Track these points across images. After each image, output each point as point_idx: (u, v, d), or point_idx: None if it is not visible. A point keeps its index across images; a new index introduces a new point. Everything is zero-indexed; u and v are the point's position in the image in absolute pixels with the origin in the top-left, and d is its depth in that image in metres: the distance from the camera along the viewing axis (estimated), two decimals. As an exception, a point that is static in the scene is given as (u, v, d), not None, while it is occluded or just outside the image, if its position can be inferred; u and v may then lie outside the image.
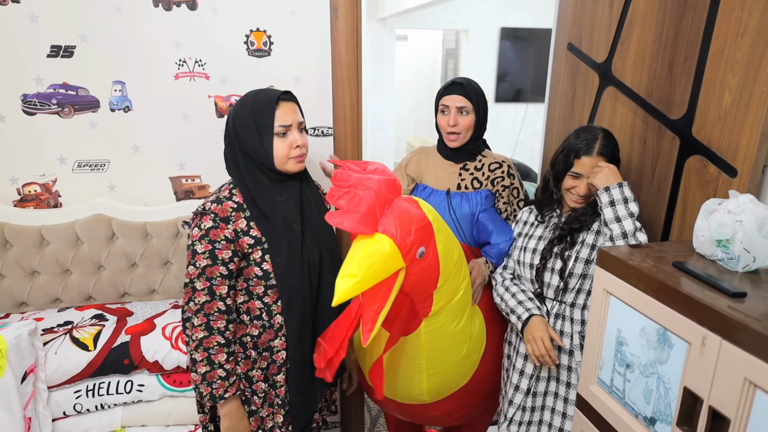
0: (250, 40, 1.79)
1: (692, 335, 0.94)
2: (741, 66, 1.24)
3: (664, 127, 1.47)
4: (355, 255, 1.03)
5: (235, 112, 1.27)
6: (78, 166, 1.79)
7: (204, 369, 1.23)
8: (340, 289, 0.97)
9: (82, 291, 1.77)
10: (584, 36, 1.80)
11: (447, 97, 1.62)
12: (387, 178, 1.15)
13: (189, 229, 1.31)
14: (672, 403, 1.01)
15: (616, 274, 1.14)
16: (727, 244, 1.08)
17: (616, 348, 1.16)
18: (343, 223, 1.03)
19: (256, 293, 1.29)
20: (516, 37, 6.53)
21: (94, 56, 1.70)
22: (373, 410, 2.58)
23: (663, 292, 1.01)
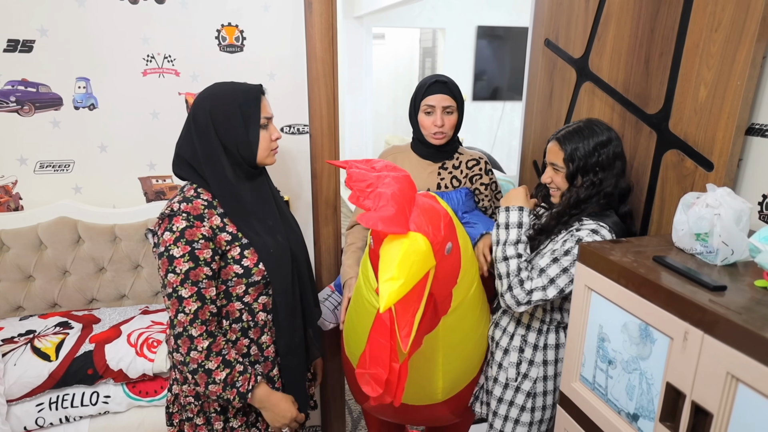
0: (222, 35, 1.74)
1: (674, 330, 0.94)
2: (716, 60, 1.25)
3: (641, 122, 1.48)
4: (394, 257, 0.97)
5: (215, 103, 1.21)
6: (40, 167, 1.71)
7: (224, 374, 1.17)
8: (386, 294, 0.92)
9: (46, 298, 1.69)
10: (561, 31, 1.80)
11: (432, 96, 1.58)
12: (403, 174, 1.11)
13: (153, 237, 1.22)
14: (655, 398, 1.01)
15: (596, 270, 1.13)
16: (706, 237, 1.09)
17: (598, 344, 1.16)
18: (378, 224, 0.97)
19: (236, 294, 1.24)
20: (492, 35, 6.57)
21: (55, 51, 1.63)
22: (354, 412, 2.54)
23: (644, 286, 1.01)
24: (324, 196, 1.90)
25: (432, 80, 1.60)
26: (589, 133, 1.31)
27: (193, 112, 1.23)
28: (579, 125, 1.34)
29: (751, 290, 0.94)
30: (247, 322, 1.27)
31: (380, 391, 1.05)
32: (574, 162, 1.29)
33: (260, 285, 1.26)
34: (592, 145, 1.29)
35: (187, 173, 1.24)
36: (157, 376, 1.49)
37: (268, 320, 1.30)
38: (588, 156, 1.29)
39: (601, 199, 1.31)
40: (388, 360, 1.03)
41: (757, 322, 0.80)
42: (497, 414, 1.40)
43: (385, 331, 1.02)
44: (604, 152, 1.30)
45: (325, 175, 1.87)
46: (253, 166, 1.27)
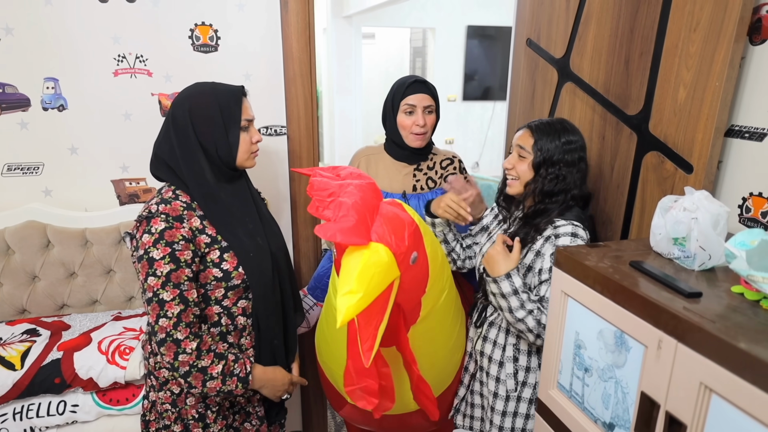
0: (195, 34, 1.69)
1: (648, 338, 0.91)
2: (694, 60, 1.23)
3: (621, 123, 1.45)
4: (353, 269, 0.94)
5: (194, 103, 1.18)
6: (8, 170, 1.66)
7: (219, 367, 1.15)
8: (344, 309, 0.89)
9: (14, 304, 1.64)
10: (542, 31, 1.78)
11: (413, 96, 1.55)
12: (367, 182, 1.08)
13: (131, 240, 1.19)
14: (630, 408, 0.98)
15: (573, 275, 1.11)
16: (684, 242, 1.06)
17: (574, 351, 1.13)
18: (337, 235, 0.94)
19: (215, 298, 1.21)
20: (483, 35, 6.56)
21: (21, 50, 1.58)
22: (337, 416, 2.51)
23: (619, 293, 0.98)
24: (303, 199, 1.87)
25: (411, 80, 1.57)
26: (561, 128, 1.31)
27: (172, 111, 1.20)
28: (552, 120, 1.34)
29: (728, 297, 0.91)
30: (226, 326, 1.25)
31: (375, 402, 1.02)
32: (542, 151, 1.28)
33: (240, 289, 1.23)
34: (562, 140, 1.29)
35: (164, 174, 1.21)
36: (129, 383, 1.45)
37: (248, 324, 1.28)
38: (557, 149, 1.28)
39: (569, 201, 1.29)
40: (375, 369, 1.00)
41: (731, 331, 0.78)
42: (503, 428, 1.36)
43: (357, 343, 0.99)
44: (571, 150, 1.29)
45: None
46: (233, 169, 1.24)
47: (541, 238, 1.28)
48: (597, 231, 1.42)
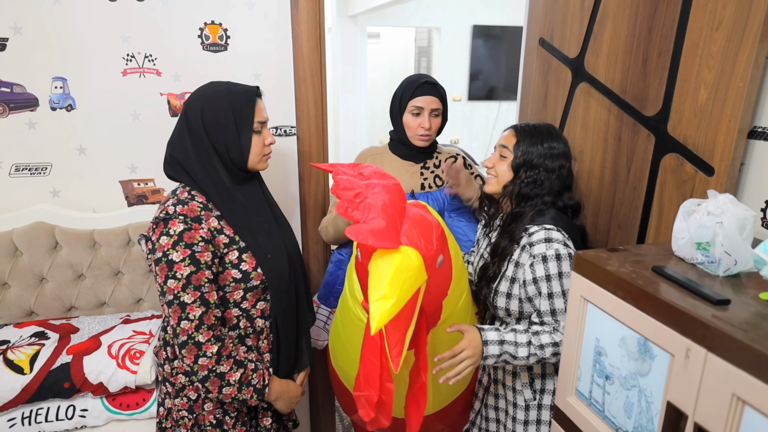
0: (205, 33, 1.67)
1: (675, 346, 0.88)
2: (716, 60, 1.19)
3: (638, 125, 1.42)
4: (384, 274, 0.91)
5: (207, 105, 1.16)
6: (16, 170, 1.64)
7: (238, 374, 1.14)
8: (377, 315, 0.86)
9: (22, 306, 1.62)
10: (556, 31, 1.74)
11: (422, 98, 1.53)
12: (393, 182, 1.05)
13: (147, 243, 1.16)
14: (654, 418, 0.95)
15: (593, 280, 1.08)
16: (708, 246, 1.03)
17: (594, 358, 1.10)
18: (369, 238, 0.91)
19: (233, 300, 1.19)
20: (488, 35, 6.52)
21: (29, 50, 1.56)
22: (345, 420, 2.49)
23: (643, 299, 0.95)
24: (313, 200, 1.84)
25: (421, 80, 1.54)
26: (545, 133, 1.30)
27: (185, 111, 1.18)
28: (539, 124, 1.33)
29: (756, 303, 0.88)
30: (245, 329, 1.23)
31: (372, 415, 0.99)
32: (523, 153, 1.27)
33: (258, 290, 1.21)
34: (545, 145, 1.28)
35: (179, 174, 1.19)
36: (139, 388, 1.43)
37: (266, 327, 1.26)
38: (538, 153, 1.27)
39: (539, 206, 1.27)
40: (378, 381, 0.97)
41: (764, 340, 0.75)
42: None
43: (375, 350, 0.97)
44: (552, 155, 1.28)
45: (313, 177, 1.81)
46: (245, 171, 1.22)
47: (518, 247, 1.26)
48: (588, 242, 1.38)
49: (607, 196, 1.56)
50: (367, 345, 0.99)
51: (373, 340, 0.99)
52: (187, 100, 1.19)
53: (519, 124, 1.33)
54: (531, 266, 1.22)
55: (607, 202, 1.57)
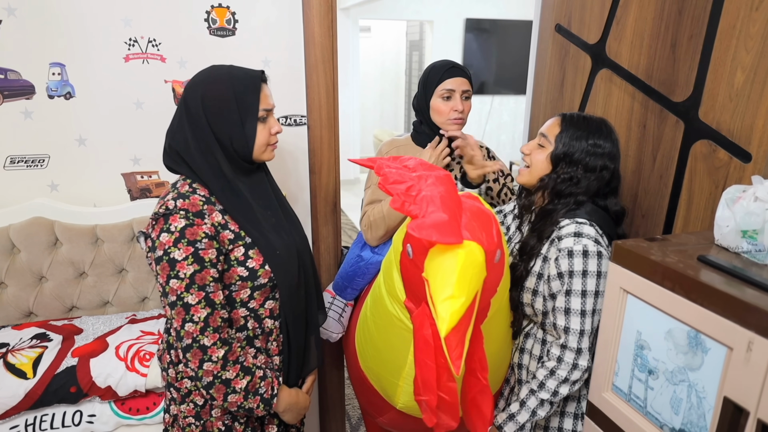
0: (212, 17, 1.58)
1: (734, 339, 0.83)
2: (756, 41, 1.14)
3: (666, 111, 1.37)
4: (450, 272, 0.85)
5: (208, 91, 1.07)
6: (11, 163, 1.54)
7: (244, 382, 1.06)
8: (447, 316, 0.81)
9: (20, 307, 1.52)
10: (574, 16, 1.69)
11: (452, 80, 1.46)
12: (444, 173, 0.98)
13: (146, 241, 1.08)
14: (707, 414, 0.90)
15: (635, 271, 1.03)
16: (755, 234, 0.99)
17: (635, 352, 1.05)
18: (433, 234, 0.84)
19: (240, 300, 1.11)
20: (479, 28, 6.47)
21: (24, 33, 1.45)
22: (352, 418, 2.42)
23: (696, 290, 0.90)
24: (323, 193, 1.77)
25: (449, 65, 1.48)
26: (595, 128, 1.20)
27: (185, 98, 1.09)
28: (592, 117, 1.23)
29: (818, 293, 0.83)
30: (253, 330, 1.15)
31: (434, 420, 0.93)
32: (564, 144, 1.18)
33: (267, 288, 1.13)
34: (591, 141, 1.18)
35: (179, 166, 1.10)
36: (149, 391, 1.35)
37: (275, 328, 1.18)
38: (580, 147, 1.18)
39: (572, 205, 1.19)
40: (434, 383, 0.90)
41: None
42: (548, 428, 1.28)
43: (429, 351, 0.90)
44: (596, 154, 1.18)
45: (324, 170, 1.74)
46: (249, 162, 1.13)
47: (547, 241, 1.19)
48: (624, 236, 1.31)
49: (630, 185, 1.51)
50: (420, 346, 0.93)
51: (426, 341, 0.92)
52: (186, 85, 1.10)
53: (568, 114, 1.23)
54: (556, 260, 1.15)
55: (630, 192, 1.52)
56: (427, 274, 0.89)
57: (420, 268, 0.93)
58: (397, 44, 8.01)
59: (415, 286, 1.01)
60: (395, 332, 1.10)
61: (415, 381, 0.97)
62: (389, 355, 1.13)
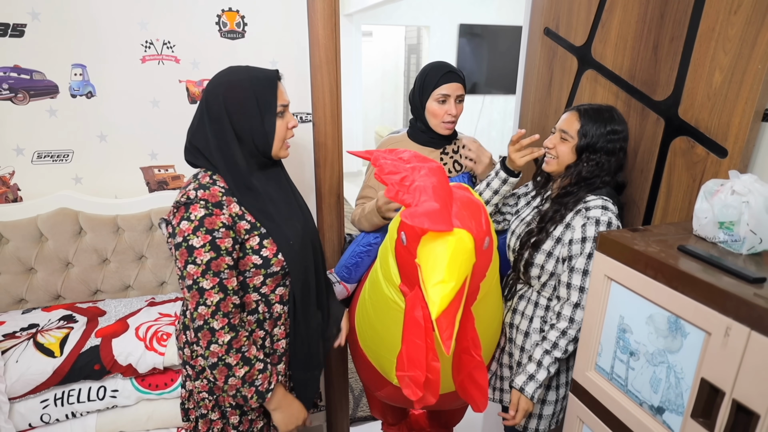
0: (222, 20, 1.53)
1: (712, 324, 0.80)
2: (734, 44, 1.10)
3: (647, 109, 1.33)
4: (441, 258, 0.82)
5: (229, 91, 1.03)
6: (38, 157, 1.50)
7: (242, 371, 1.03)
8: (437, 300, 0.78)
9: (49, 290, 1.50)
10: (562, 20, 1.63)
11: (447, 85, 1.41)
12: (436, 165, 0.95)
13: (167, 227, 1.05)
14: (684, 393, 0.88)
15: (619, 260, 0.99)
16: (731, 226, 0.95)
17: (618, 335, 1.02)
18: (425, 222, 0.82)
19: (253, 285, 1.09)
20: (471, 33, 6.38)
21: (48, 36, 1.40)
22: (355, 390, 2.41)
23: (676, 278, 0.87)
24: (327, 185, 1.73)
25: (445, 69, 1.43)
26: (608, 117, 1.21)
27: (206, 98, 1.05)
28: (601, 107, 1.23)
29: (791, 282, 0.80)
30: (263, 314, 1.12)
31: (420, 394, 0.90)
32: (587, 136, 1.20)
33: (278, 276, 1.10)
34: (608, 129, 1.20)
35: (199, 160, 1.07)
36: (167, 369, 1.33)
37: (284, 312, 1.15)
38: (601, 136, 1.19)
39: (600, 186, 1.21)
40: (424, 361, 0.87)
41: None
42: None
43: (419, 331, 0.87)
44: (614, 139, 1.20)
45: (328, 163, 1.70)
46: (268, 157, 1.10)
47: (571, 212, 1.20)
48: (623, 218, 1.31)
49: (612, 178, 1.47)
50: (411, 327, 0.90)
51: (416, 322, 0.89)
52: (206, 86, 1.06)
53: (581, 107, 1.24)
54: (583, 226, 1.16)
55: (612, 185, 1.48)
56: (420, 259, 0.86)
57: (413, 254, 0.90)
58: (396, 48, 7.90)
59: (409, 270, 0.98)
60: (391, 314, 1.07)
61: (399, 357, 0.95)
62: (386, 335, 1.11)
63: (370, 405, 1.83)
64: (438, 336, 0.78)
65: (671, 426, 0.91)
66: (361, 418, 2.27)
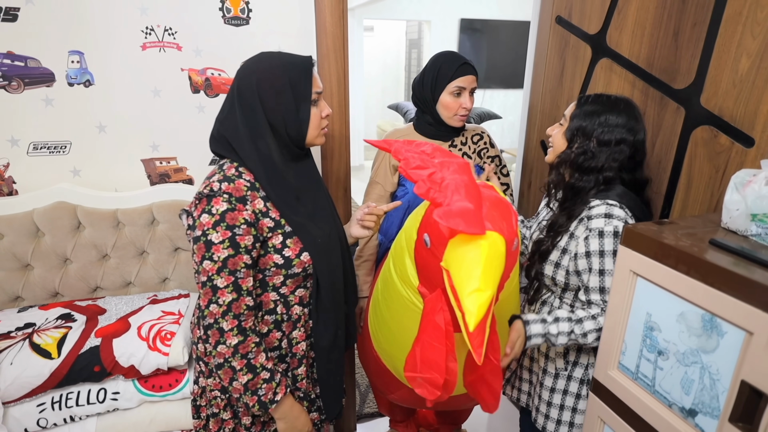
0: (226, 6, 1.44)
1: (754, 323, 0.74)
2: (763, 27, 1.03)
3: (666, 98, 1.26)
4: (474, 264, 0.76)
5: (264, 77, 0.97)
6: (34, 149, 1.42)
7: (246, 378, 0.96)
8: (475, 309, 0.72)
9: (46, 287, 1.42)
10: (575, 8, 1.56)
11: (463, 78, 1.35)
12: (464, 162, 0.89)
13: (188, 218, 0.99)
14: (721, 395, 0.81)
15: (646, 254, 0.93)
16: (765, 218, 0.88)
17: (644, 333, 0.96)
18: (460, 224, 0.75)
19: (272, 284, 1.02)
20: (472, 28, 6.30)
21: (43, 21, 1.32)
22: (361, 386, 2.35)
23: (713, 274, 0.80)
24: (335, 177, 1.66)
25: (460, 61, 1.36)
26: (610, 106, 1.10)
27: (238, 85, 0.98)
28: (609, 96, 1.13)
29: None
30: (281, 315, 1.05)
31: (437, 394, 0.84)
32: (575, 119, 1.11)
33: (299, 277, 1.04)
34: (602, 116, 1.09)
35: (226, 151, 1.00)
36: (171, 369, 1.26)
37: (304, 314, 1.08)
38: (593, 122, 1.09)
39: (600, 184, 1.10)
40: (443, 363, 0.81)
41: None
42: (552, 404, 1.21)
43: (439, 335, 0.81)
44: (609, 127, 1.08)
45: (336, 155, 1.63)
46: (300, 147, 1.03)
47: (576, 220, 1.11)
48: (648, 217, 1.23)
49: (628, 170, 1.41)
50: (429, 330, 0.84)
51: (436, 325, 0.83)
52: (238, 74, 0.99)
53: (585, 95, 1.16)
54: (586, 239, 1.07)
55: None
56: (448, 264, 0.79)
57: (438, 257, 0.83)
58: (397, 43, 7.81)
59: (431, 273, 0.91)
60: (408, 315, 1.00)
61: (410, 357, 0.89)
62: (403, 337, 1.04)
63: (378, 402, 1.77)
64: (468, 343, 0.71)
65: (704, 429, 0.85)
66: (368, 414, 2.21)
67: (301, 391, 1.13)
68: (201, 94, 1.51)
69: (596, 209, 1.07)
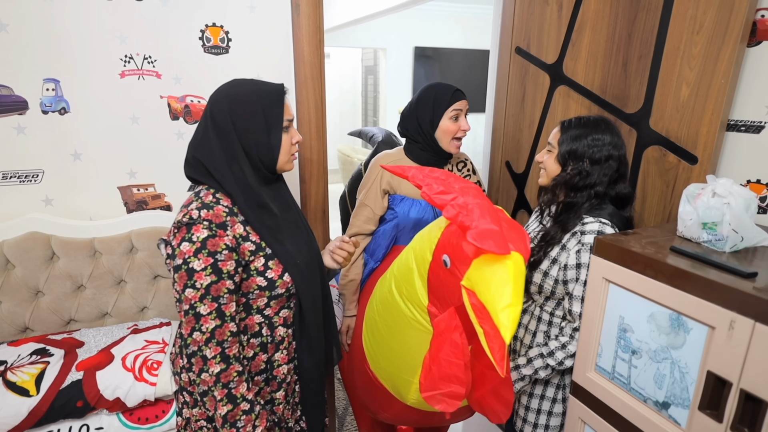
0: (206, 35, 1.46)
1: (715, 319, 0.83)
2: (698, 61, 1.17)
3: (620, 121, 1.38)
4: (504, 281, 0.80)
5: (236, 104, 0.97)
6: (3, 178, 1.35)
7: (225, 409, 0.93)
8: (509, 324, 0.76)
9: (15, 322, 1.33)
10: (533, 40, 1.69)
11: (460, 102, 1.41)
12: (476, 186, 0.93)
13: (167, 248, 0.97)
14: (690, 387, 0.89)
15: (617, 262, 1.01)
16: (714, 226, 0.99)
17: (618, 335, 1.03)
18: (492, 246, 0.79)
19: (256, 306, 1.01)
20: (424, 56, 6.54)
21: (17, 49, 1.28)
22: (338, 409, 2.32)
23: (678, 277, 0.89)
24: (313, 201, 1.67)
25: (453, 88, 1.42)
26: (592, 126, 1.19)
27: (211, 111, 0.98)
28: (589, 118, 1.21)
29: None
30: (266, 337, 1.05)
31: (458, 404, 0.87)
32: (565, 143, 1.18)
33: (283, 298, 1.03)
34: (589, 137, 1.17)
35: (203, 176, 0.99)
36: (158, 400, 1.21)
37: (288, 336, 1.08)
38: (582, 145, 1.16)
39: (593, 198, 1.18)
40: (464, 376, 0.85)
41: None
42: (530, 408, 1.25)
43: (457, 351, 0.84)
44: (597, 146, 1.17)
45: (314, 179, 1.65)
46: (272, 172, 1.04)
47: (569, 233, 1.18)
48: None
49: (588, 187, 1.52)
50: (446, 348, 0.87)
51: (453, 342, 0.86)
52: (211, 99, 1.00)
53: (566, 121, 1.22)
54: (578, 252, 1.13)
55: (588, 193, 1.52)
56: (472, 283, 0.83)
57: (458, 277, 0.88)
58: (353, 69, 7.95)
59: (447, 292, 0.95)
60: (412, 334, 1.03)
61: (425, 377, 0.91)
62: (404, 355, 1.06)
63: (359, 423, 1.76)
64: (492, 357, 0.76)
65: (677, 420, 0.92)
66: (347, 435, 2.18)
67: (276, 416, 1.10)
68: (180, 121, 1.50)
69: (590, 225, 1.14)
